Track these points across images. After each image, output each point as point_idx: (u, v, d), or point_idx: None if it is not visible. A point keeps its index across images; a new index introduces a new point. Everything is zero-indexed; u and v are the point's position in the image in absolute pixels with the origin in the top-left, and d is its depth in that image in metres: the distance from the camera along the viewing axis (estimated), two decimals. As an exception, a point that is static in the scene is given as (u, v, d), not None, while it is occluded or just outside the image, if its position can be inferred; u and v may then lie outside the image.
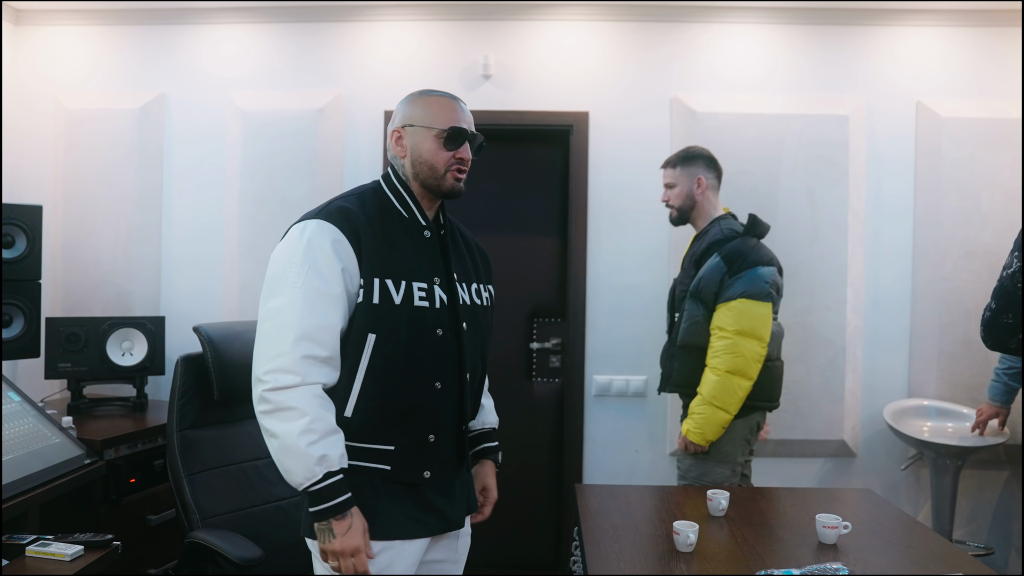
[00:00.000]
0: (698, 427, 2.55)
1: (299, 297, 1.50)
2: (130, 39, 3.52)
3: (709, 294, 2.57)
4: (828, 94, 3.38)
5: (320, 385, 1.52)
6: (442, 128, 1.64)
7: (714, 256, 2.59)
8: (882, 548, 1.98)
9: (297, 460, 1.45)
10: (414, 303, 1.59)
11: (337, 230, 1.54)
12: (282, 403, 1.47)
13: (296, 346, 1.48)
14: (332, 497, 1.47)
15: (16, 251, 2.78)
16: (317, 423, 1.46)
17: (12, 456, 2.27)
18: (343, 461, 1.50)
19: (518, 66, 3.46)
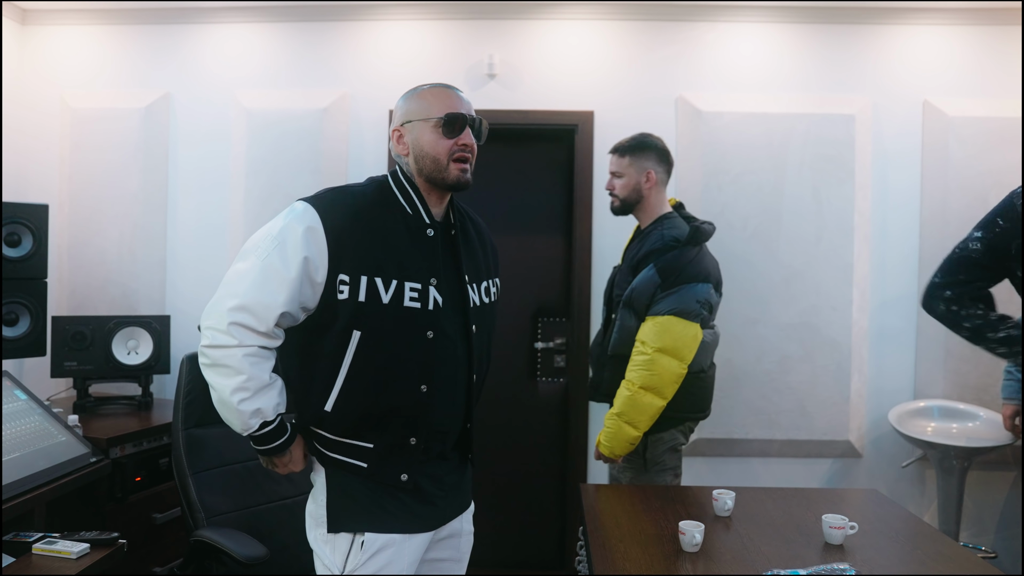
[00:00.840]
0: (607, 440, 2.46)
1: (257, 269, 1.52)
2: (135, 39, 3.53)
3: (641, 305, 2.46)
4: (834, 93, 3.37)
5: (256, 346, 1.53)
6: (439, 116, 1.61)
7: (649, 267, 2.46)
8: (889, 549, 1.97)
9: (233, 414, 1.54)
10: (403, 303, 1.56)
11: (318, 219, 1.53)
12: (219, 359, 1.52)
13: (236, 313, 1.50)
14: (271, 441, 1.59)
15: (22, 250, 2.79)
16: (250, 381, 1.52)
17: (18, 454, 2.28)
18: (279, 408, 1.59)
19: (523, 65, 3.46)
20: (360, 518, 1.58)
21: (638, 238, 2.64)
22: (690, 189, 3.36)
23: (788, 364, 3.33)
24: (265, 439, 1.57)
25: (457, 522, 1.75)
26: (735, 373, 3.33)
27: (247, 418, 1.53)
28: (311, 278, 1.53)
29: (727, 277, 3.31)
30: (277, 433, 1.58)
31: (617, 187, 2.64)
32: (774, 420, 3.33)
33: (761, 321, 3.33)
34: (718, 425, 3.34)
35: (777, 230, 3.33)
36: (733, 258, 3.33)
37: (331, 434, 1.60)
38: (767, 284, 3.33)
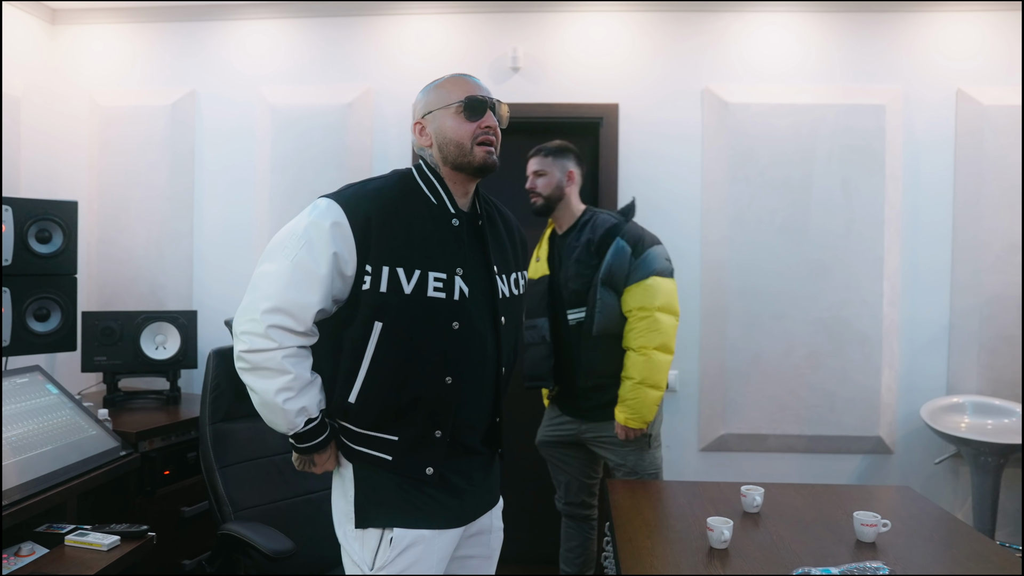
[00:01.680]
0: (635, 412, 2.52)
1: (287, 269, 1.51)
2: (162, 36, 3.55)
3: (620, 279, 2.55)
4: (863, 83, 3.30)
5: (295, 347, 1.53)
6: (459, 100, 1.60)
7: (616, 240, 2.57)
8: (923, 547, 1.93)
9: (278, 414, 1.54)
10: (427, 293, 1.54)
11: (343, 213, 1.52)
12: (259, 363, 1.51)
13: (272, 316, 1.50)
14: (313, 438, 1.58)
15: (53, 246, 2.82)
16: (295, 381, 1.53)
17: (50, 447, 2.31)
18: (321, 405, 1.59)
19: (547, 58, 3.44)
20: (388, 513, 1.56)
21: (575, 232, 2.68)
22: (716, 182, 3.32)
23: (816, 359, 3.27)
24: (308, 436, 1.56)
25: (487, 518, 1.73)
26: (762, 368, 3.29)
27: (293, 417, 1.53)
28: (341, 272, 1.52)
29: (753, 270, 3.29)
30: (319, 429, 1.57)
31: (540, 185, 2.70)
32: (802, 415, 3.28)
33: (788, 315, 3.28)
34: (745, 420, 3.30)
35: (805, 223, 3.27)
36: (760, 251, 3.29)
37: (356, 426, 1.59)
38: (795, 277, 3.28)
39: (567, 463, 2.82)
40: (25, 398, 2.42)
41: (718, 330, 3.32)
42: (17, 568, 2.00)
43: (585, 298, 2.60)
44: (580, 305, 2.61)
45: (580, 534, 2.88)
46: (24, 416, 2.35)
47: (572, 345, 2.65)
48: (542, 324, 2.70)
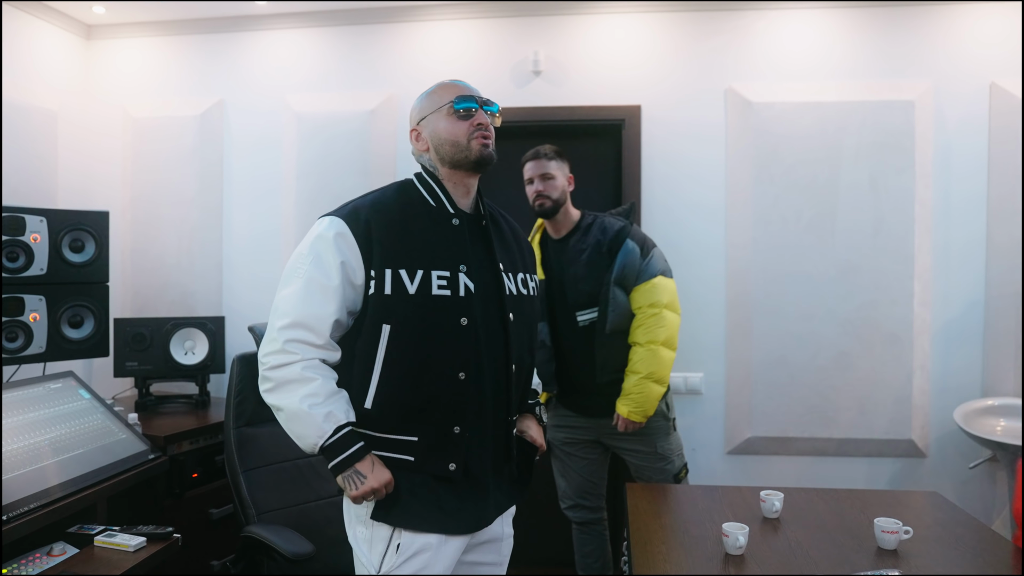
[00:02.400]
0: (638, 405, 2.57)
1: (301, 287, 1.55)
2: (191, 48, 3.64)
3: (631, 279, 2.60)
4: (892, 79, 3.23)
5: (316, 359, 1.55)
6: (450, 101, 1.64)
7: (627, 242, 2.62)
8: (946, 555, 1.88)
9: (305, 424, 1.52)
10: (432, 292, 1.56)
11: (344, 225, 1.56)
12: (282, 378, 1.53)
13: (291, 331, 1.53)
14: (348, 446, 1.53)
15: (86, 255, 2.91)
16: (320, 388, 1.53)
17: (82, 450, 2.39)
18: (350, 415, 1.56)
19: (568, 61, 3.43)
20: (399, 512, 1.57)
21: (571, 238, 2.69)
22: (740, 182, 3.28)
23: (845, 360, 3.21)
24: (340, 446, 1.52)
25: (498, 525, 1.74)
26: (790, 370, 3.24)
27: (320, 422, 1.50)
28: (351, 281, 1.56)
29: (779, 271, 3.25)
30: (353, 438, 1.54)
31: (549, 188, 2.67)
32: (831, 418, 3.22)
33: (816, 317, 3.23)
34: (772, 423, 3.26)
35: (832, 222, 3.22)
36: (786, 251, 3.25)
37: (375, 432, 1.59)
38: (822, 278, 3.22)
39: (577, 464, 2.80)
40: (58, 403, 2.50)
41: (744, 332, 3.28)
42: (48, 567, 2.07)
43: (596, 298, 2.61)
44: (590, 306, 2.62)
45: (593, 539, 2.85)
46: (57, 420, 2.43)
47: (582, 346, 2.65)
48: (541, 328, 2.68)
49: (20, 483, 2.13)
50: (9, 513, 2.02)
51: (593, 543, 2.86)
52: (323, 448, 1.53)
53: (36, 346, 2.77)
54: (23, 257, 2.73)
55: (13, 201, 3.07)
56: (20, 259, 2.73)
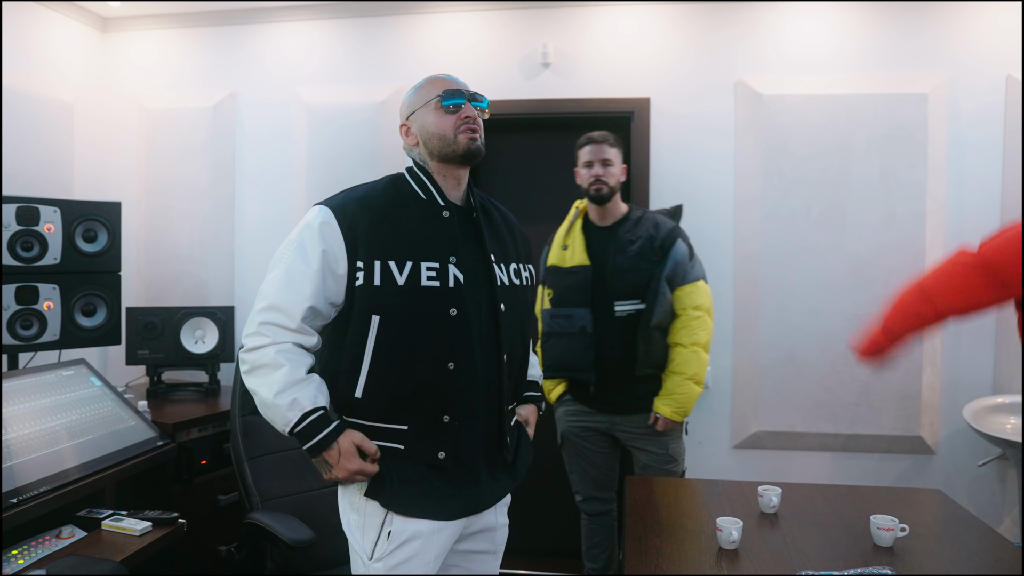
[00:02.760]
0: (680, 406, 2.63)
1: (282, 273, 1.59)
2: (204, 40, 3.68)
3: (679, 278, 2.66)
4: (904, 71, 3.18)
5: (290, 343, 1.57)
6: (437, 96, 1.66)
7: (678, 242, 2.68)
8: (943, 553, 1.88)
9: (273, 411, 1.56)
10: (421, 283, 1.59)
11: (330, 214, 1.59)
12: (255, 361, 1.57)
13: (263, 314, 1.58)
14: (315, 434, 1.55)
15: (98, 245, 2.96)
16: (287, 375, 1.54)
17: (91, 436, 2.44)
18: (317, 401, 1.57)
19: (577, 53, 3.42)
20: (390, 494, 1.59)
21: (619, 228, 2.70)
22: (749, 175, 3.26)
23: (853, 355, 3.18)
24: (308, 432, 1.54)
25: (491, 515, 1.75)
26: (797, 364, 3.22)
27: (285, 411, 1.53)
28: (333, 270, 1.58)
29: (788, 265, 3.22)
30: (319, 425, 1.55)
31: (608, 175, 2.69)
32: (838, 413, 3.20)
33: (825, 311, 3.20)
34: (779, 418, 3.24)
35: (842, 216, 3.19)
36: (794, 246, 3.22)
37: (365, 420, 1.62)
38: (831, 273, 3.19)
39: (592, 456, 2.82)
40: (69, 390, 2.55)
41: (751, 326, 3.27)
42: (57, 549, 2.12)
43: (639, 291, 2.64)
44: (632, 297, 2.64)
45: (602, 531, 2.89)
46: (68, 406, 2.48)
47: (616, 336, 2.66)
48: (582, 314, 2.67)
49: (31, 467, 2.18)
50: (20, 496, 2.07)
51: (601, 534, 2.88)
52: (291, 434, 1.56)
53: (50, 334, 2.83)
54: (37, 247, 2.79)
55: (30, 192, 3.13)
56: (35, 249, 2.78)
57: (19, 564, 2.02)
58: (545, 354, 2.76)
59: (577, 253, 2.72)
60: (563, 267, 2.73)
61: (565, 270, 2.72)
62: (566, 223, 2.82)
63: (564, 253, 2.76)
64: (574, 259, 2.72)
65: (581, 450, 2.83)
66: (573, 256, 2.73)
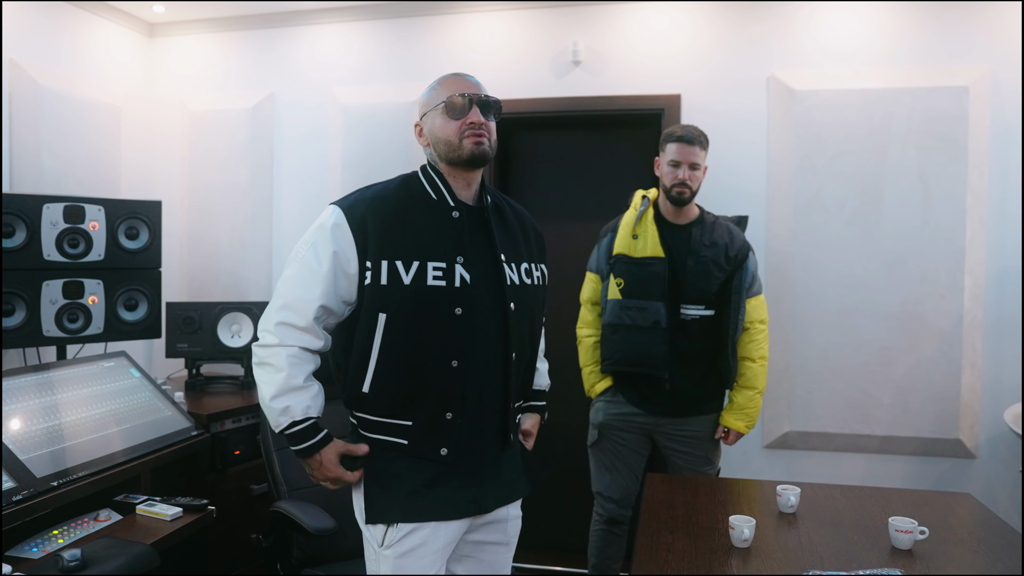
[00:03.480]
0: (751, 420, 2.64)
1: (296, 271, 1.65)
2: (243, 43, 3.79)
3: (750, 291, 2.64)
4: (945, 64, 3.09)
5: (297, 347, 1.63)
6: (444, 100, 1.68)
7: (751, 254, 2.65)
8: (964, 559, 1.83)
9: (268, 412, 1.63)
10: (427, 282, 1.62)
11: (342, 215, 1.63)
12: (263, 358, 1.64)
13: (278, 313, 1.64)
14: (301, 441, 1.63)
15: (140, 242, 3.09)
16: (285, 381, 1.61)
17: (129, 425, 2.55)
18: (308, 412, 1.63)
19: (608, 50, 3.42)
20: (394, 509, 1.63)
21: (692, 230, 2.63)
22: (782, 172, 3.21)
23: (889, 356, 3.12)
24: (295, 438, 1.62)
25: (503, 508, 1.77)
26: (830, 364, 3.16)
27: (277, 415, 1.61)
28: (344, 271, 1.63)
29: (821, 263, 3.17)
30: (307, 434, 1.62)
31: (693, 179, 2.59)
32: (872, 415, 3.13)
33: (859, 310, 3.14)
34: (811, 418, 3.19)
35: (878, 213, 3.11)
36: (828, 243, 3.17)
37: (371, 415, 1.67)
38: (866, 271, 3.13)
39: (626, 456, 2.71)
40: (110, 380, 2.67)
41: (783, 324, 3.22)
42: (94, 531, 2.23)
43: (706, 297, 2.58)
44: (699, 302, 2.59)
45: (618, 540, 2.78)
46: (108, 396, 2.60)
47: (684, 339, 2.60)
48: (656, 308, 2.56)
49: (72, 453, 2.30)
50: (60, 480, 2.18)
51: (617, 543, 2.78)
52: (281, 434, 1.64)
53: (95, 327, 2.96)
54: (83, 244, 2.92)
55: (80, 192, 3.28)
56: (80, 246, 2.91)
57: (59, 543, 2.13)
58: (611, 347, 2.63)
59: (651, 244, 2.59)
60: (634, 257, 2.60)
61: (637, 260, 2.60)
62: (633, 211, 2.68)
63: (635, 243, 2.61)
64: (647, 250, 2.59)
65: (618, 447, 2.70)
66: (646, 247, 2.60)
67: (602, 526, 2.77)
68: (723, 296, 2.59)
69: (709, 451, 2.70)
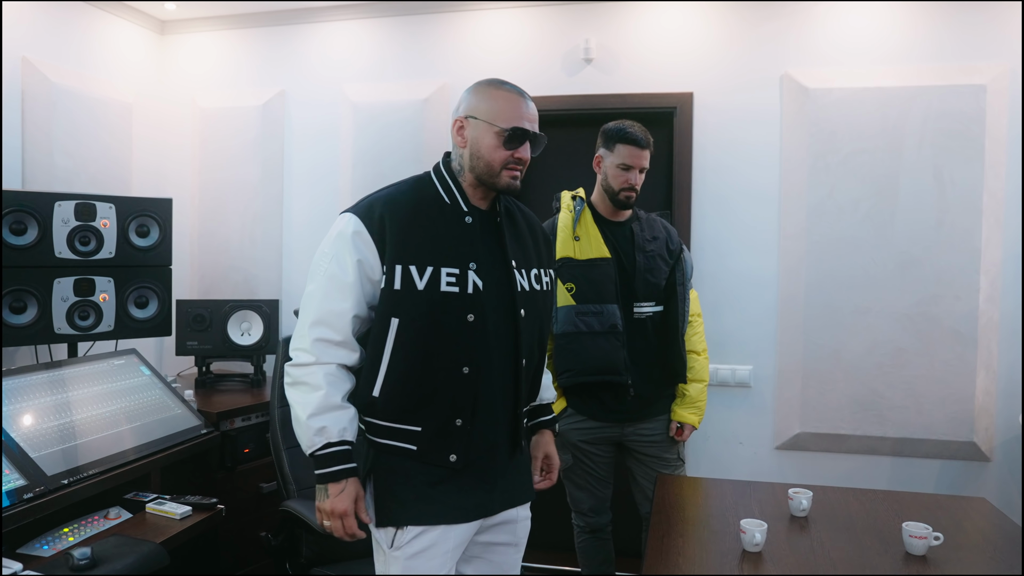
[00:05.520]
0: (702, 412, 2.60)
1: (322, 285, 1.62)
2: (254, 40, 3.79)
3: (688, 284, 2.62)
4: (962, 61, 3.05)
5: (335, 364, 1.61)
6: (504, 127, 1.63)
7: (684, 248, 2.62)
8: (980, 565, 1.80)
9: (302, 431, 1.59)
10: (440, 288, 1.60)
11: (360, 223, 1.61)
12: (298, 378, 1.61)
13: (312, 329, 1.61)
14: (331, 464, 1.58)
15: (150, 240, 3.09)
16: (323, 400, 1.57)
17: (139, 423, 2.55)
18: (344, 434, 1.59)
19: (620, 48, 3.40)
20: (403, 513, 1.62)
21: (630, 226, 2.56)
22: (795, 171, 3.18)
23: (903, 357, 3.08)
24: (325, 461, 1.57)
25: (512, 509, 1.76)
26: (842, 365, 3.13)
27: (312, 434, 1.57)
28: (369, 278, 1.62)
29: (834, 262, 3.14)
30: (340, 458, 1.57)
31: (640, 183, 2.52)
32: (885, 416, 3.10)
33: (873, 310, 3.10)
34: (823, 419, 3.16)
35: (892, 213, 3.08)
36: (841, 243, 3.14)
37: (381, 420, 1.65)
38: (880, 271, 3.09)
39: (601, 468, 2.61)
40: (120, 378, 2.67)
41: (795, 325, 3.19)
42: (104, 528, 2.23)
43: (659, 293, 2.54)
44: (651, 299, 2.54)
45: (604, 546, 2.72)
46: (118, 394, 2.60)
47: (639, 339, 2.51)
48: (612, 311, 2.45)
49: (83, 450, 2.30)
50: (71, 477, 2.19)
51: (604, 550, 2.72)
52: (311, 456, 1.59)
53: (105, 324, 2.96)
54: (94, 241, 2.93)
55: (91, 189, 3.29)
56: (91, 243, 2.92)
57: (69, 541, 2.14)
58: (567, 357, 2.45)
59: (594, 245, 2.48)
60: (580, 259, 2.47)
61: (584, 262, 2.47)
62: (568, 213, 2.54)
63: (577, 244, 2.48)
64: (591, 251, 2.47)
65: (591, 464, 2.59)
66: (590, 248, 2.48)
67: (586, 536, 2.71)
68: (669, 290, 2.55)
69: (680, 451, 2.62)
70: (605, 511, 2.69)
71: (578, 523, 2.73)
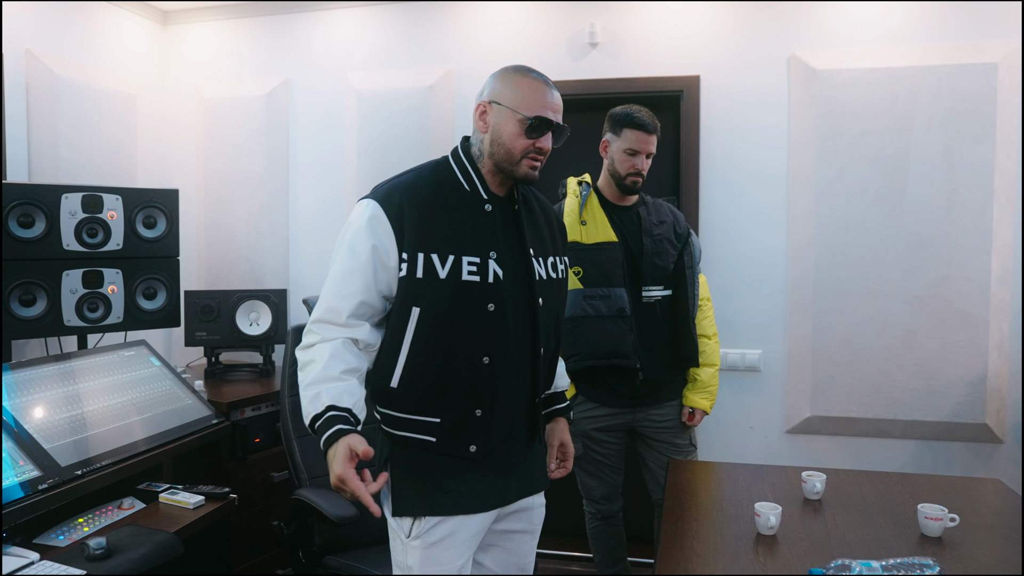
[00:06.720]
0: (714, 397, 2.60)
1: (334, 271, 1.62)
2: (257, 29, 3.77)
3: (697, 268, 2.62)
4: (972, 40, 3.02)
5: (339, 340, 1.57)
6: (527, 116, 1.61)
7: (691, 232, 2.62)
8: (996, 546, 1.80)
9: (304, 401, 1.55)
10: (462, 277, 1.59)
11: (379, 208, 1.59)
12: (303, 358, 1.60)
13: (322, 313, 1.61)
14: (324, 432, 1.49)
15: (157, 231, 3.08)
16: (321, 370, 1.54)
17: (150, 414, 2.56)
18: (340, 400, 1.51)
19: (625, 32, 3.37)
20: (421, 503, 1.61)
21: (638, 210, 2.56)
22: (803, 153, 3.16)
23: (913, 339, 3.07)
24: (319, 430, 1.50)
25: (528, 497, 1.76)
26: (853, 348, 3.12)
27: (307, 403, 1.53)
28: (384, 264, 1.59)
29: (843, 245, 3.12)
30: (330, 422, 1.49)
31: (646, 168, 2.51)
32: (895, 399, 3.09)
33: (883, 293, 3.09)
34: (833, 402, 3.16)
35: (901, 194, 3.06)
36: (850, 225, 3.12)
37: (399, 411, 1.64)
38: (889, 253, 3.07)
39: (611, 454, 2.62)
40: (130, 369, 2.67)
41: (805, 308, 3.18)
42: (118, 519, 2.24)
43: (667, 276, 2.54)
44: (659, 283, 2.53)
45: (616, 532, 2.73)
46: (128, 385, 2.61)
47: (648, 323, 2.52)
48: (620, 295, 2.45)
49: (95, 442, 2.30)
50: (84, 468, 2.19)
51: (616, 536, 2.73)
52: (311, 431, 1.53)
53: (114, 316, 2.96)
54: (101, 233, 2.92)
55: (97, 181, 3.28)
56: (99, 235, 2.91)
57: (84, 531, 2.15)
58: (575, 341, 2.43)
59: (600, 229, 2.49)
60: (586, 243, 2.47)
61: (591, 246, 2.47)
62: (574, 198, 2.55)
63: (583, 228, 2.49)
64: (598, 235, 2.48)
65: (602, 451, 2.60)
66: (596, 232, 2.48)
67: (597, 522, 2.73)
68: (678, 274, 2.55)
69: (692, 436, 2.63)
70: (616, 498, 2.69)
71: (590, 510, 2.73)
